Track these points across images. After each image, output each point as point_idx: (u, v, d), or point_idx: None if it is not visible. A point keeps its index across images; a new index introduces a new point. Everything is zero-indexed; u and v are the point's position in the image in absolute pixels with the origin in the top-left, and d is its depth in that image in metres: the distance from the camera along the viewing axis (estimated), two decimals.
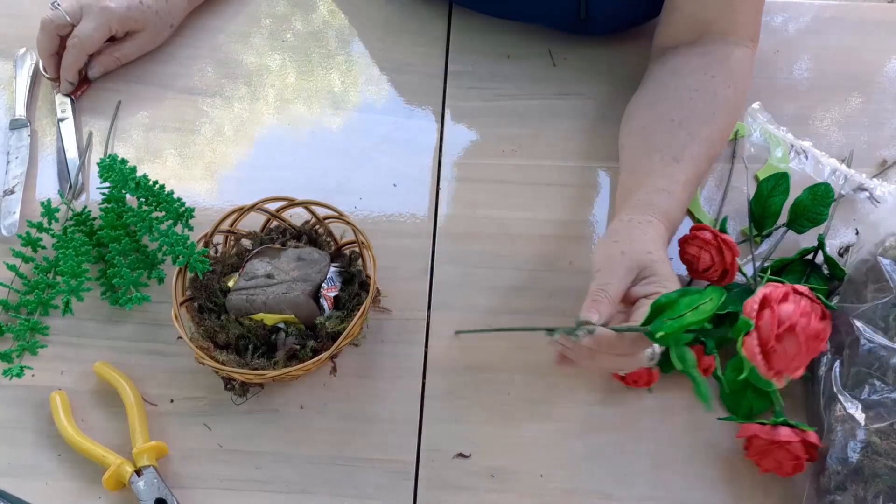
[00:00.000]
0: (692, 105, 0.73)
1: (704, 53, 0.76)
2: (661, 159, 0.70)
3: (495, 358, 0.70)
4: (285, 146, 0.82)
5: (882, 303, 0.64)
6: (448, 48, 0.89)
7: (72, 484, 0.64)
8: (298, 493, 0.64)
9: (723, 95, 0.74)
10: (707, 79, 0.74)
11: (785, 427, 0.61)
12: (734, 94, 0.75)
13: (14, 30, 0.91)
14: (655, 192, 0.68)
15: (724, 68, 0.75)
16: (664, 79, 0.76)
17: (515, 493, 0.64)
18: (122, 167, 0.72)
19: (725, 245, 0.66)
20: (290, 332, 0.66)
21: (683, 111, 0.73)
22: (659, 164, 0.70)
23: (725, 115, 0.74)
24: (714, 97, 0.73)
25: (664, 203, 0.67)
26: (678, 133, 0.72)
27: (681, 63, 0.76)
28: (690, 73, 0.75)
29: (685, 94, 0.74)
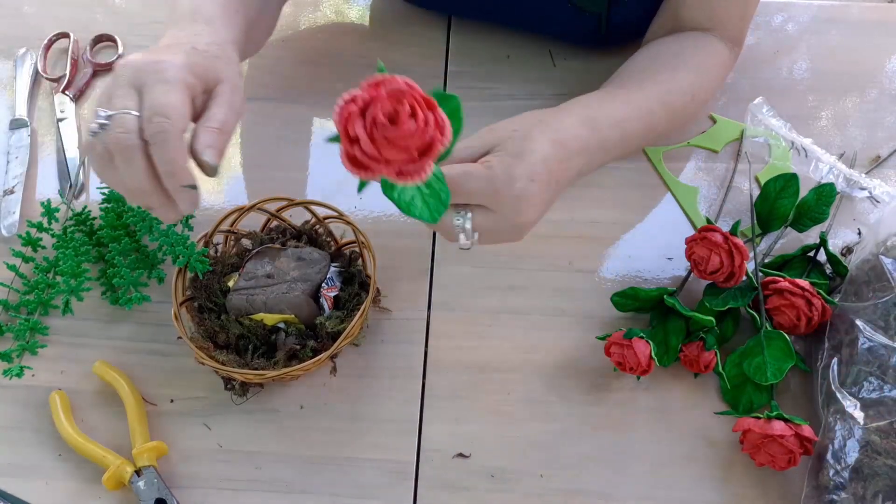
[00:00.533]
0: (652, 59, 0.75)
1: (678, 35, 0.77)
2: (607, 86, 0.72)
3: (495, 358, 0.70)
4: (285, 146, 0.82)
5: (882, 302, 0.64)
6: (447, 48, 0.89)
7: (72, 484, 0.64)
8: (298, 493, 0.64)
9: (689, 57, 0.74)
10: (673, 46, 0.76)
11: (779, 421, 0.62)
12: (703, 60, 0.75)
13: (14, 30, 0.91)
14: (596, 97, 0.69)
15: (693, 40, 0.76)
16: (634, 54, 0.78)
17: (515, 493, 0.64)
18: None
19: (736, 249, 0.66)
20: (290, 332, 0.66)
21: (639, 64, 0.74)
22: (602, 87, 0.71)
23: (688, 72, 0.74)
24: (676, 56, 0.74)
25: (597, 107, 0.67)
26: (630, 77, 0.73)
27: (652, 43, 0.78)
28: (658, 43, 0.77)
29: (646, 53, 0.76)
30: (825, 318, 0.67)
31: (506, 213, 0.57)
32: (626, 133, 0.68)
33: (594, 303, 0.72)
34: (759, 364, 0.66)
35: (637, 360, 0.65)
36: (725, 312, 0.70)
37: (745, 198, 0.78)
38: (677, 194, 0.79)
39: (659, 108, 0.71)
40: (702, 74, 0.75)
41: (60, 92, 0.85)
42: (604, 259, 0.75)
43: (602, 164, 0.68)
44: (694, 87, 0.74)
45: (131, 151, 0.52)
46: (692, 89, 0.74)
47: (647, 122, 0.70)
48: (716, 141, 0.82)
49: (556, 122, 0.63)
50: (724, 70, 0.78)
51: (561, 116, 0.64)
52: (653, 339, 0.67)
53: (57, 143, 0.82)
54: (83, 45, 0.89)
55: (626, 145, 0.69)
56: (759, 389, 0.66)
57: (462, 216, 0.57)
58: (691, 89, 0.74)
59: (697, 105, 0.76)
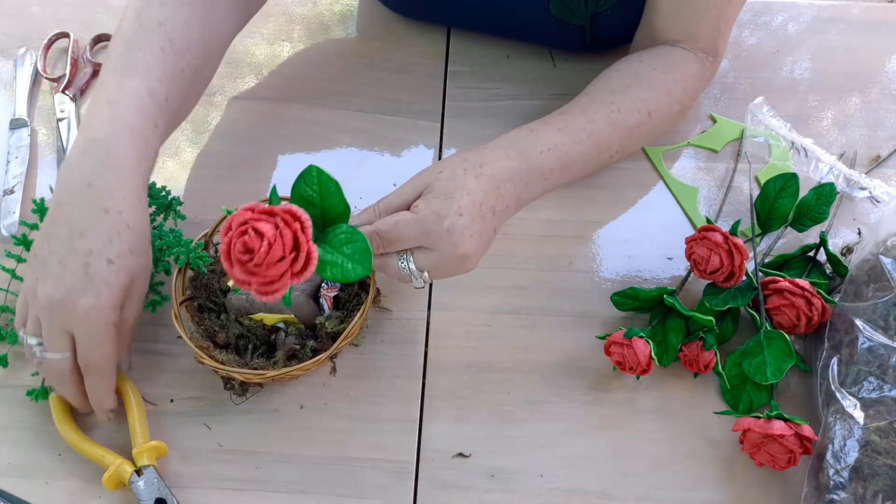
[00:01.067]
0: (607, 79, 0.75)
1: (643, 52, 0.77)
2: (553, 115, 0.72)
3: (495, 358, 0.70)
4: (285, 146, 0.82)
5: (882, 301, 0.64)
6: (448, 48, 0.89)
7: (72, 484, 0.64)
8: (298, 493, 0.64)
9: (646, 74, 0.74)
10: (634, 62, 0.76)
11: (779, 420, 0.62)
12: (662, 76, 0.75)
13: (14, 30, 0.91)
14: (522, 130, 0.70)
15: (654, 55, 0.76)
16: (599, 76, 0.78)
17: (515, 493, 0.64)
18: None
19: (736, 249, 0.66)
20: (289, 332, 0.66)
21: (596, 85, 0.75)
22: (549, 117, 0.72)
23: (643, 90, 0.74)
24: (633, 73, 0.75)
25: (521, 137, 0.69)
26: (578, 100, 0.74)
27: (616, 62, 0.78)
28: (620, 62, 0.77)
29: (606, 73, 0.76)
30: (825, 318, 0.67)
31: (442, 248, 0.61)
32: (566, 157, 0.70)
33: (594, 303, 0.73)
34: (758, 364, 0.66)
35: (637, 359, 0.65)
36: (725, 312, 0.70)
37: (745, 198, 0.78)
38: (677, 194, 0.79)
39: (607, 129, 0.72)
40: (659, 91, 0.75)
41: (60, 92, 0.85)
42: (604, 259, 0.75)
43: (554, 187, 0.71)
44: (649, 103, 0.74)
45: (64, 383, 0.63)
46: (647, 106, 0.74)
47: (593, 142, 0.71)
48: (716, 141, 0.82)
49: (480, 158, 0.66)
50: (693, 83, 0.77)
51: (485, 152, 0.67)
52: (653, 338, 0.67)
53: (57, 143, 0.82)
54: (83, 45, 0.89)
55: (571, 168, 0.71)
56: (758, 389, 0.66)
57: (404, 260, 0.62)
58: (646, 106, 0.74)
59: (659, 121, 0.75)
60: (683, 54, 0.76)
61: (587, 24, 0.81)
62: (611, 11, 0.79)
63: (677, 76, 0.76)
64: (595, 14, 0.80)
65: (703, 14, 0.75)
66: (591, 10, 0.79)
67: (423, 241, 0.61)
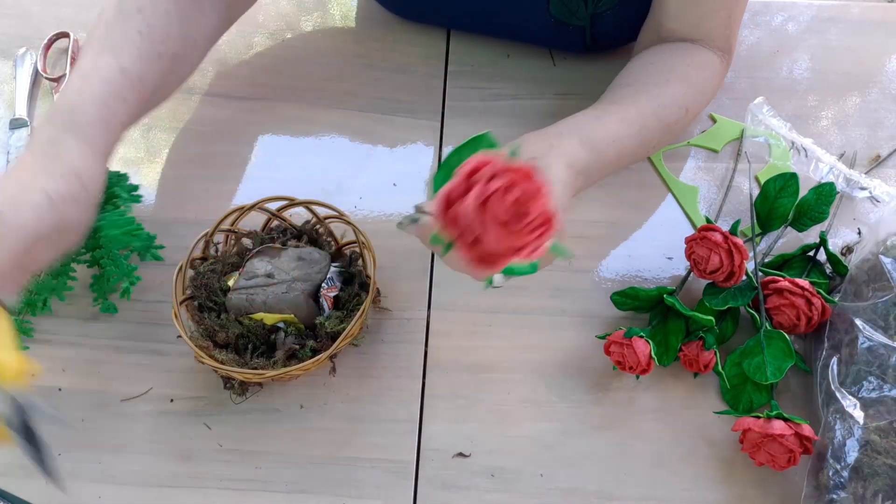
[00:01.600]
0: (644, 72, 0.74)
1: (669, 45, 0.77)
2: (599, 103, 0.71)
3: (495, 358, 0.70)
4: (285, 146, 0.82)
5: (882, 301, 0.64)
6: (448, 48, 0.89)
7: (72, 484, 0.64)
8: (298, 493, 0.64)
9: (681, 69, 0.74)
10: (665, 56, 0.75)
11: (779, 420, 0.62)
12: (696, 73, 0.74)
13: (14, 30, 0.91)
14: (583, 115, 0.68)
15: (685, 51, 0.75)
16: (627, 65, 0.77)
17: (515, 493, 0.64)
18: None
19: (736, 249, 0.66)
20: (289, 332, 0.66)
21: (634, 76, 0.74)
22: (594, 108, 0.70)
23: (681, 84, 0.73)
24: (670, 68, 0.74)
25: (586, 123, 0.67)
26: (623, 90, 0.73)
27: (646, 51, 0.77)
28: (651, 53, 0.76)
29: (639, 65, 0.75)
30: (825, 318, 0.67)
31: None
32: (622, 150, 0.69)
33: (594, 302, 0.73)
34: (758, 363, 0.66)
35: (637, 359, 0.65)
36: (725, 312, 0.70)
37: (745, 197, 0.78)
38: (677, 194, 0.79)
39: (653, 123, 0.71)
40: (694, 87, 0.75)
41: (60, 92, 0.85)
42: (604, 259, 0.75)
43: (596, 182, 0.69)
44: (687, 99, 0.74)
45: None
46: (686, 102, 0.73)
47: (641, 137, 0.70)
48: (716, 141, 0.82)
49: (564, 145, 0.64)
50: (716, 80, 0.77)
51: (566, 141, 0.65)
52: (652, 338, 0.67)
53: None
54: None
55: (620, 162, 0.70)
56: (758, 389, 0.66)
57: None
58: (685, 102, 0.73)
59: (690, 118, 0.75)
60: (707, 53, 0.76)
61: (587, 24, 0.81)
62: (611, 12, 0.79)
63: (708, 73, 0.76)
64: (595, 15, 0.80)
65: (714, 13, 0.75)
66: (591, 10, 0.79)
67: None
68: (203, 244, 0.70)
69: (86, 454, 0.66)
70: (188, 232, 0.72)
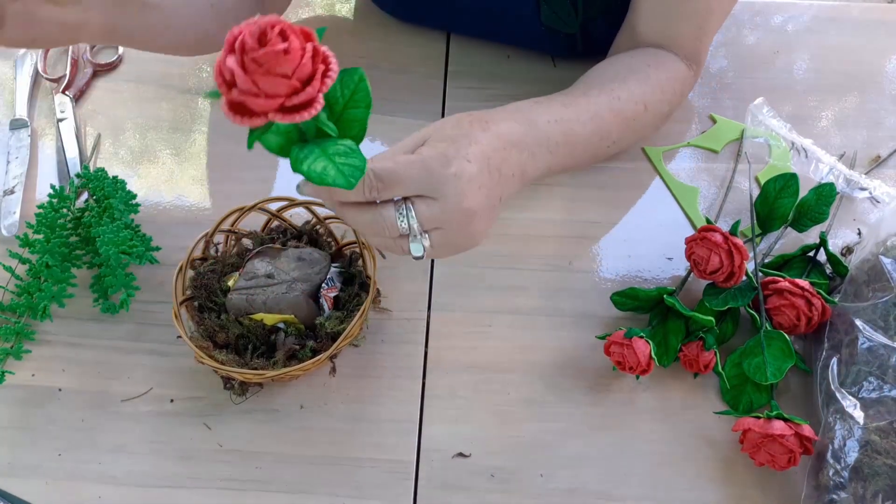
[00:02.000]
0: (602, 71, 0.74)
1: (634, 50, 0.77)
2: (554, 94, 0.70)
3: (495, 358, 0.70)
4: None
5: (882, 301, 0.64)
6: (448, 48, 0.89)
7: (72, 484, 0.64)
8: (298, 493, 0.64)
9: (640, 69, 0.74)
10: (625, 58, 0.75)
11: (779, 420, 0.62)
12: (655, 74, 0.74)
13: None
14: (528, 101, 0.67)
15: (647, 54, 0.75)
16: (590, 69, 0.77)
17: (515, 493, 0.64)
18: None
19: (736, 249, 0.66)
20: (289, 332, 0.66)
21: (591, 75, 0.74)
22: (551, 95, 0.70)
23: (638, 83, 0.73)
24: (629, 66, 0.74)
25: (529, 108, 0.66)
26: (577, 87, 0.73)
27: (611, 57, 0.77)
28: (615, 57, 0.76)
29: (600, 66, 0.75)
30: (825, 318, 0.67)
31: (448, 197, 0.54)
32: (571, 134, 0.67)
33: (594, 302, 0.73)
34: (758, 364, 0.66)
35: (637, 359, 0.65)
36: (725, 312, 0.70)
37: (745, 198, 0.78)
38: (677, 194, 0.79)
39: (608, 114, 0.71)
40: (653, 86, 0.74)
41: (60, 92, 0.85)
42: (604, 259, 0.75)
43: (557, 167, 0.68)
44: (646, 96, 0.73)
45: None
46: (643, 98, 0.73)
47: (595, 126, 0.70)
48: (716, 141, 0.82)
49: (489, 115, 0.62)
50: (680, 85, 0.77)
51: (491, 112, 0.63)
52: (652, 338, 0.67)
53: (57, 143, 0.82)
54: (83, 46, 0.89)
55: (575, 147, 0.68)
56: (758, 389, 0.66)
57: (403, 211, 0.54)
58: (642, 98, 0.73)
59: (652, 116, 0.75)
60: (672, 56, 0.76)
61: (578, 32, 0.81)
62: (600, 19, 0.79)
63: (670, 75, 0.76)
64: (585, 22, 0.80)
65: (684, 20, 0.74)
66: (581, 18, 0.79)
67: (425, 186, 0.53)
68: (203, 245, 0.70)
69: (86, 454, 0.66)
70: (188, 232, 0.72)
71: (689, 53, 0.76)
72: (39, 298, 0.69)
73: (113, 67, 0.89)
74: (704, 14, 0.74)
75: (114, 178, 0.74)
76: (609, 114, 0.71)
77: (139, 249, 0.71)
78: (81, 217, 0.74)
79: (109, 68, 0.88)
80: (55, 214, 0.72)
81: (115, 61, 0.89)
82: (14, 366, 0.69)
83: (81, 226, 0.73)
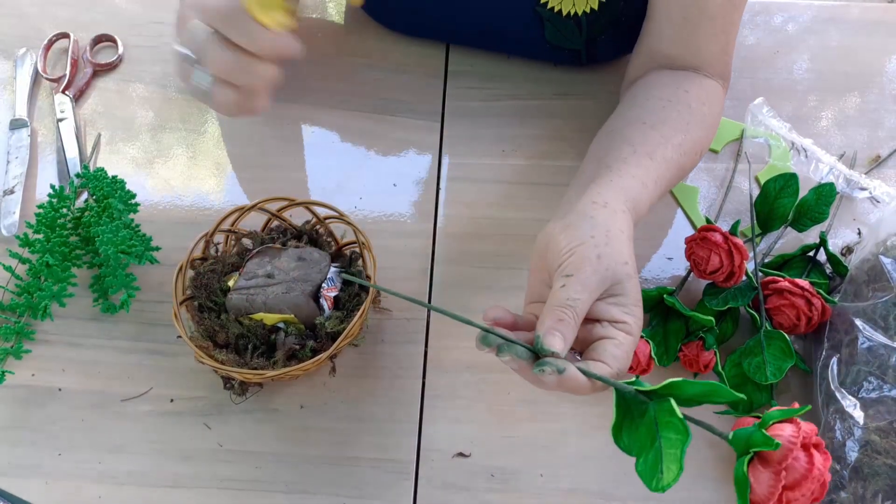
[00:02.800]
0: (665, 112, 0.68)
1: (675, 74, 0.73)
2: (634, 152, 0.63)
3: (495, 358, 0.70)
4: (285, 146, 0.82)
5: (882, 301, 0.64)
6: (448, 48, 0.89)
7: (72, 484, 0.64)
8: (298, 493, 0.64)
9: (698, 109, 0.70)
10: (680, 92, 0.70)
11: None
12: (709, 111, 0.71)
13: (14, 30, 0.91)
14: (630, 178, 0.60)
15: (696, 85, 0.71)
16: (635, 93, 0.73)
17: (515, 493, 0.64)
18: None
19: (736, 249, 0.66)
20: (289, 332, 0.66)
21: (656, 116, 0.68)
22: (632, 155, 0.63)
23: (699, 129, 0.69)
24: (688, 108, 0.69)
25: (636, 192, 0.60)
26: (651, 134, 0.66)
27: (653, 79, 0.73)
28: (663, 86, 0.71)
29: (657, 102, 0.69)
30: (825, 318, 0.67)
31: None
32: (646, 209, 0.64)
33: None
34: (758, 364, 0.66)
35: (637, 359, 0.65)
36: (725, 312, 0.70)
37: (745, 198, 0.78)
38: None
39: (676, 173, 0.67)
40: (709, 128, 0.71)
41: (60, 92, 0.85)
42: None
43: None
44: (704, 144, 0.71)
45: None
46: (703, 147, 0.71)
47: (661, 191, 0.66)
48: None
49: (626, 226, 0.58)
50: (721, 110, 0.75)
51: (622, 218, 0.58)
52: (652, 338, 0.67)
53: (57, 143, 0.82)
54: (83, 45, 0.89)
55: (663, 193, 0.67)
56: (758, 389, 0.66)
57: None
58: (702, 147, 0.70)
59: (700, 158, 0.72)
60: (712, 83, 0.73)
61: (583, 48, 0.81)
62: (605, 37, 0.79)
63: (718, 109, 0.73)
64: (590, 40, 0.79)
65: (713, 39, 0.72)
66: (586, 36, 0.79)
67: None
68: (203, 244, 0.70)
69: (86, 454, 0.66)
70: (188, 232, 0.72)
71: (720, 71, 0.74)
72: (39, 298, 0.69)
73: (113, 67, 0.89)
74: (729, 29, 0.72)
75: (113, 178, 0.74)
76: (676, 172, 0.67)
77: (139, 249, 0.71)
78: (81, 217, 0.74)
79: (109, 68, 0.88)
80: (55, 214, 0.72)
81: (114, 61, 0.89)
82: (14, 366, 0.69)
83: (81, 225, 0.73)
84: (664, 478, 0.45)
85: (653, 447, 0.47)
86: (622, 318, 0.53)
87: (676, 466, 0.45)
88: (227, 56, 0.55)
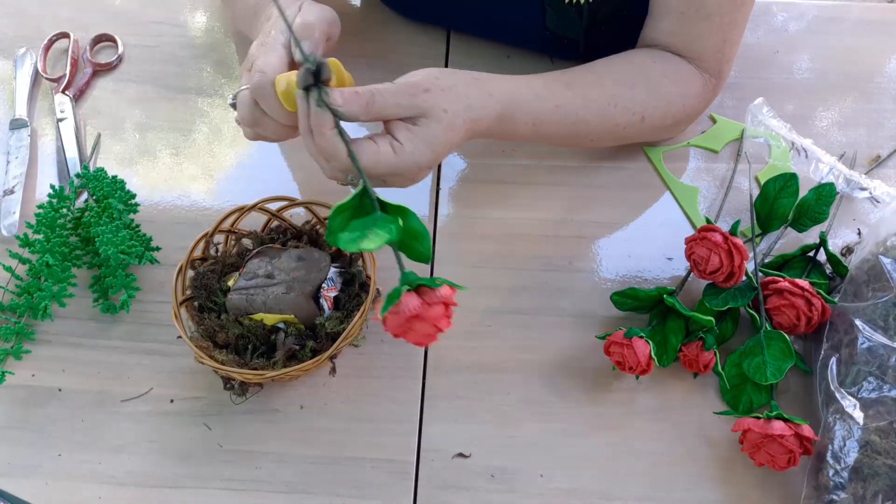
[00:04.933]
0: (617, 66, 0.74)
1: (656, 50, 0.76)
2: (556, 79, 0.71)
3: (495, 358, 0.70)
4: (285, 146, 0.82)
5: (882, 301, 0.64)
6: (448, 48, 0.89)
7: (72, 484, 0.64)
8: (298, 493, 0.64)
9: (656, 79, 0.73)
10: (648, 61, 0.74)
11: (779, 421, 0.61)
12: (672, 90, 0.74)
13: (14, 30, 0.91)
14: (527, 87, 0.68)
15: (670, 64, 0.75)
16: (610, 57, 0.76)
17: (515, 493, 0.64)
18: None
19: (736, 249, 0.66)
20: (289, 333, 0.66)
21: (606, 66, 0.74)
22: (552, 79, 0.70)
23: (647, 95, 0.73)
24: (645, 74, 0.73)
25: (523, 96, 0.67)
26: (587, 76, 0.72)
27: (634, 50, 0.77)
28: (637, 53, 0.76)
29: (619, 59, 0.75)
30: (825, 318, 0.67)
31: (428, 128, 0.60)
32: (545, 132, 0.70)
33: (594, 302, 0.73)
34: (758, 364, 0.66)
35: (637, 359, 0.65)
36: (725, 312, 0.70)
37: (745, 198, 0.78)
38: (677, 194, 0.79)
39: (595, 119, 0.71)
40: (660, 98, 0.74)
41: (60, 92, 0.85)
42: (604, 259, 0.75)
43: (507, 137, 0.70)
44: (646, 108, 0.73)
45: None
46: (644, 111, 0.73)
47: (576, 129, 0.71)
48: (716, 141, 0.82)
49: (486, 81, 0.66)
50: (694, 101, 0.76)
51: (488, 83, 0.66)
52: (652, 338, 0.67)
53: (57, 143, 0.82)
54: (83, 45, 0.89)
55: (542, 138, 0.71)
56: (758, 389, 0.66)
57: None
58: (643, 110, 0.73)
59: (649, 128, 0.75)
60: (692, 71, 0.75)
61: (581, 38, 0.81)
62: (605, 26, 0.79)
63: (682, 91, 0.75)
64: (590, 28, 0.80)
65: (708, 34, 0.73)
66: (586, 24, 0.79)
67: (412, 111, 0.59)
68: (203, 244, 0.70)
69: (86, 454, 0.66)
70: (188, 232, 0.72)
71: (711, 67, 0.75)
72: (39, 298, 0.69)
73: (113, 67, 0.89)
74: (728, 28, 0.73)
75: (113, 178, 0.74)
76: (597, 119, 0.71)
77: (138, 249, 0.71)
78: (81, 217, 0.74)
79: (109, 68, 0.88)
80: (55, 214, 0.73)
81: (114, 61, 0.89)
82: (14, 366, 0.69)
83: (81, 226, 0.73)
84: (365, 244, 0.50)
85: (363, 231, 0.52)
86: (401, 139, 0.59)
87: (380, 240, 0.51)
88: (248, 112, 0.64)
